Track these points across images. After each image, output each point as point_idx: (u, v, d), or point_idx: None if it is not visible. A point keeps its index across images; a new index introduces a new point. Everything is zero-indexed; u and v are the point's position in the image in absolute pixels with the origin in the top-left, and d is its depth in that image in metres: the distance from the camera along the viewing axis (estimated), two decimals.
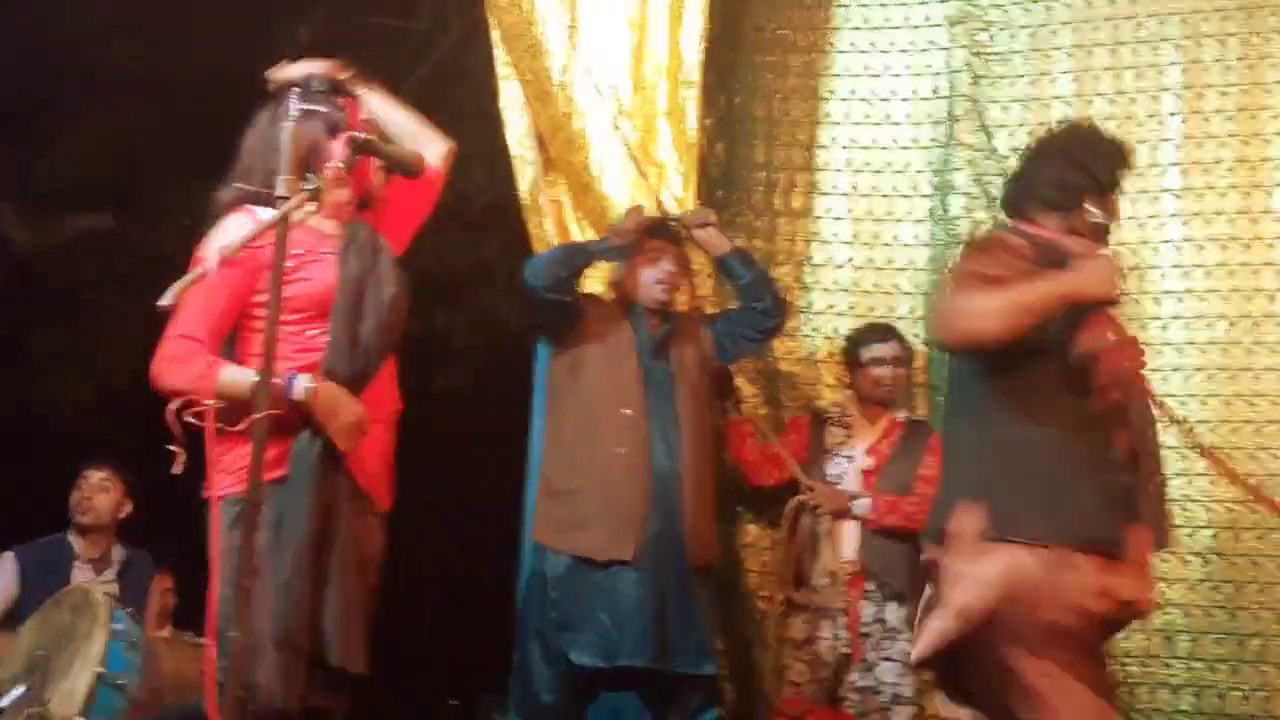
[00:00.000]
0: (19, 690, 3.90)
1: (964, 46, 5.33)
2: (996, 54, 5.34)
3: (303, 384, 2.72)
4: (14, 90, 5.72)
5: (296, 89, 2.98)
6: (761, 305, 4.39)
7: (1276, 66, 5.14)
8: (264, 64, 3.05)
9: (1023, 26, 5.34)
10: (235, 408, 2.65)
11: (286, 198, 2.62)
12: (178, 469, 2.50)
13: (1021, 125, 5.19)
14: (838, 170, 5.40)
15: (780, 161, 5.45)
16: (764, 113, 5.49)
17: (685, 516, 4.05)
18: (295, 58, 3.14)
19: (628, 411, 4.09)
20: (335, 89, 3.03)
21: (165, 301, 2.41)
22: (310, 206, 2.70)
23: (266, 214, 2.67)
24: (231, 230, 2.75)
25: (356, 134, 2.86)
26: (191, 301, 2.65)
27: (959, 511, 2.93)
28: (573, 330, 4.22)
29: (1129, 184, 3.59)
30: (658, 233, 4.29)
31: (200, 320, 2.74)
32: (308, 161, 2.83)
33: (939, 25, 5.39)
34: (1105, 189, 3.21)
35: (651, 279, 4.20)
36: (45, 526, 4.95)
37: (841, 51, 5.49)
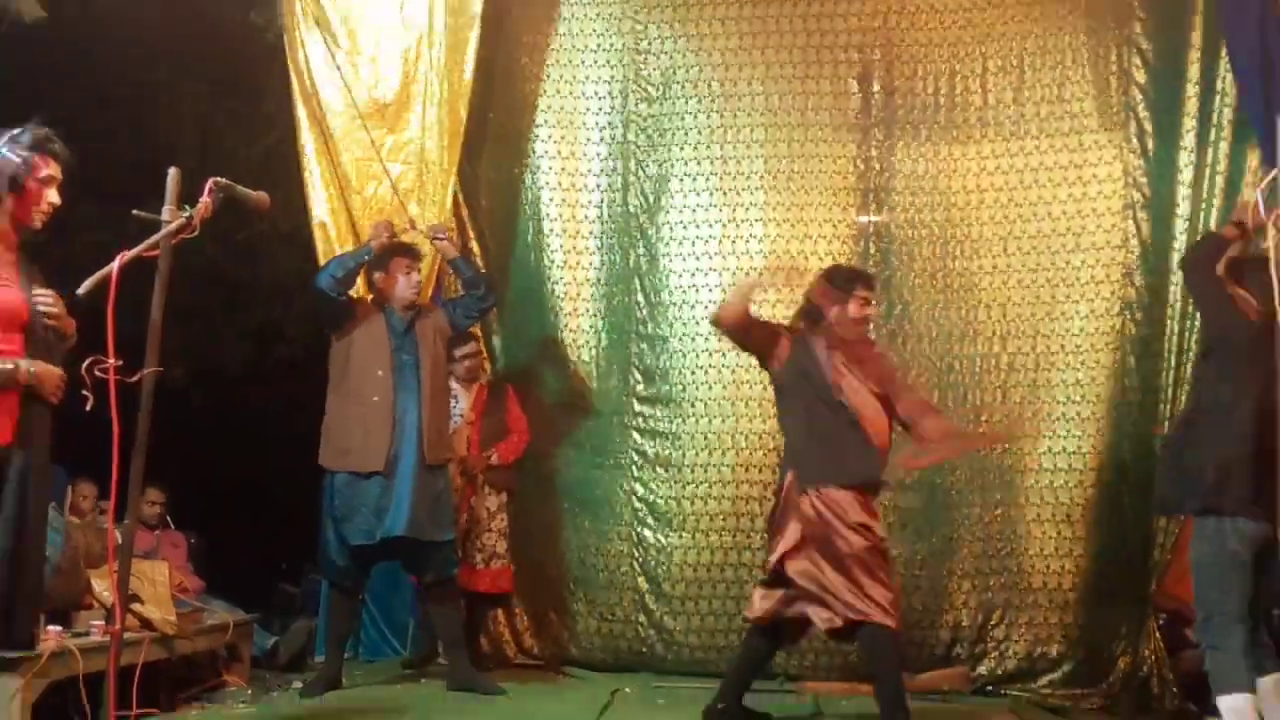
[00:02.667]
0: None
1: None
2: None
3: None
4: None
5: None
6: (478, 293, 5.54)
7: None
8: None
9: None
10: None
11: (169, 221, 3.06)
12: None
13: None
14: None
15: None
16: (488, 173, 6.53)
17: (423, 435, 5.15)
18: None
19: (380, 373, 5.20)
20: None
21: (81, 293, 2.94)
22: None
23: None
24: None
25: (219, 180, 3.21)
26: None
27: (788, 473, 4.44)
28: (346, 321, 5.30)
29: None
30: (409, 253, 5.38)
31: None
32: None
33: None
34: None
35: (405, 285, 5.30)
36: None
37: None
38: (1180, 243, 5.99)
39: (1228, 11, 5.65)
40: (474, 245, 6.51)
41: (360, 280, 5.57)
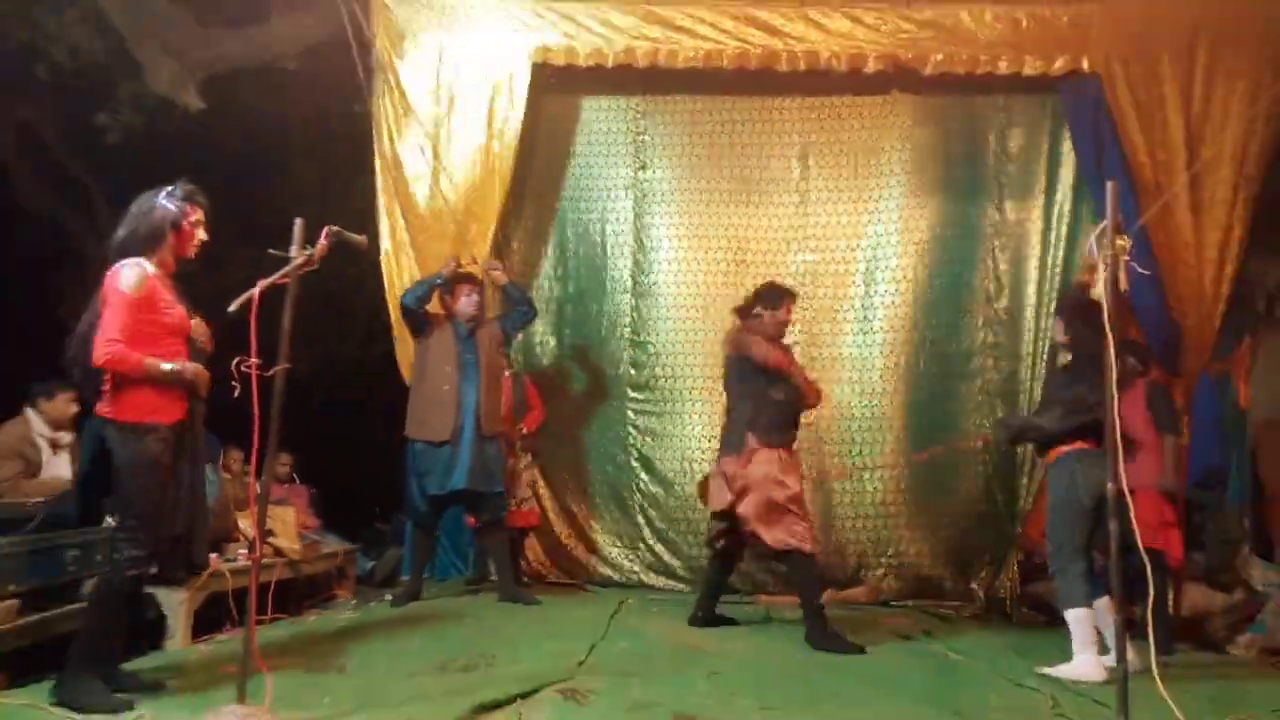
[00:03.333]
0: None
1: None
2: None
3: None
4: None
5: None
6: (523, 309, 5.50)
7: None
8: None
9: None
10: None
11: (295, 258, 3.06)
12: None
13: None
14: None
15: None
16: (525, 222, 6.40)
17: (480, 413, 5.11)
18: None
19: (448, 369, 5.15)
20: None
21: (231, 310, 2.96)
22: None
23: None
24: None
25: (333, 227, 3.20)
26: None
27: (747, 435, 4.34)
28: (425, 329, 5.25)
29: None
30: (469, 280, 5.30)
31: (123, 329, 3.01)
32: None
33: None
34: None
35: (465, 304, 5.23)
36: None
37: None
38: (1034, 275, 6.01)
39: (1070, 100, 5.68)
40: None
41: (435, 300, 5.50)
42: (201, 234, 3.31)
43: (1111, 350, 2.80)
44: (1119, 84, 5.49)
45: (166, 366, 3.10)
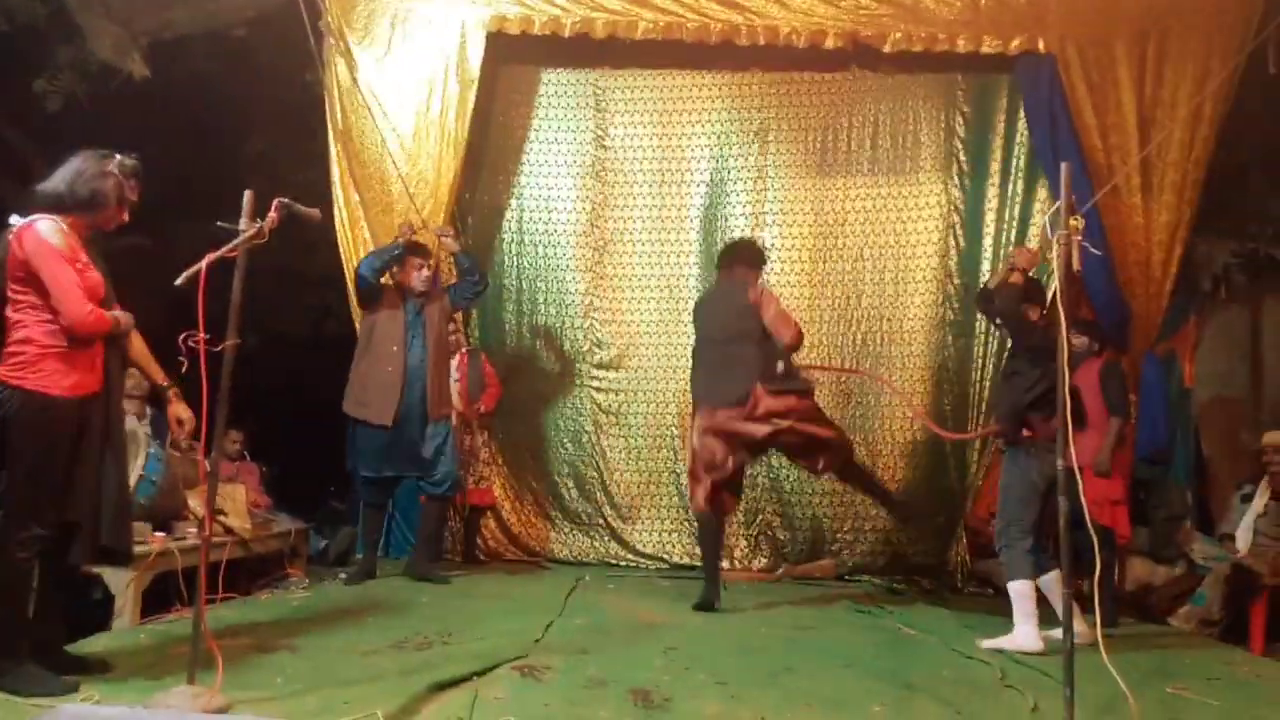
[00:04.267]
0: None
1: None
2: None
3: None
4: None
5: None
6: (473, 279, 5.36)
7: None
8: None
9: None
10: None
11: (245, 230, 2.93)
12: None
13: None
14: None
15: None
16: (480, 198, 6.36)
17: (429, 395, 5.04)
18: None
19: (395, 348, 5.04)
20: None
21: (179, 283, 2.81)
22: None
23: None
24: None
25: (283, 199, 3.07)
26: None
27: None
28: (375, 302, 5.14)
29: None
30: (421, 253, 5.18)
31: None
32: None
33: None
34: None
35: (417, 279, 5.11)
36: None
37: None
38: (989, 253, 6.10)
39: (1026, 80, 5.74)
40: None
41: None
42: (126, 214, 3.16)
43: (1064, 326, 2.84)
44: (1073, 66, 5.55)
45: (116, 315, 2.97)
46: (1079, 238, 2.93)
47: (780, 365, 4.60)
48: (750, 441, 4.60)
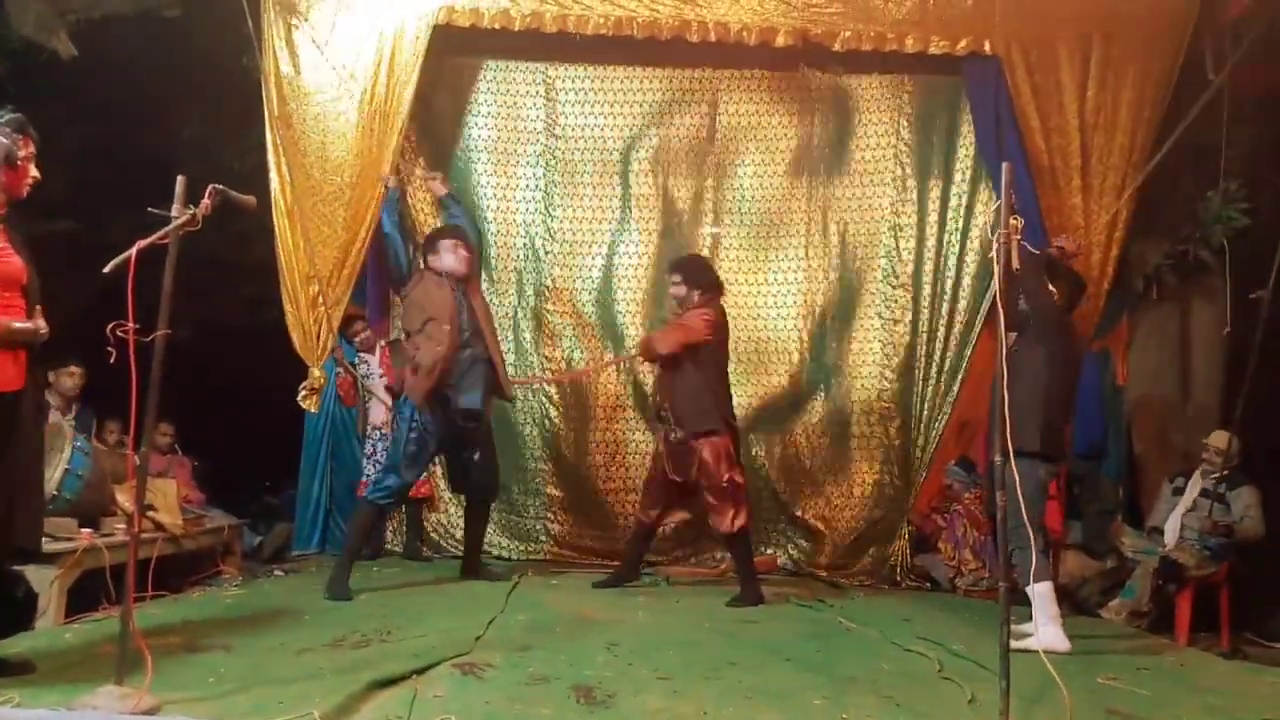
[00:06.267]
0: None
1: None
2: None
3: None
4: None
5: None
6: (462, 222, 5.36)
7: None
8: None
9: None
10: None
11: (177, 217, 2.87)
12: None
13: None
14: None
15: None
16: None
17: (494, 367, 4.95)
18: None
19: (446, 326, 4.83)
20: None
21: (107, 270, 2.76)
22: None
23: None
24: None
25: (217, 186, 3.03)
26: None
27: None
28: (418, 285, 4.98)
29: None
30: (457, 234, 5.06)
31: None
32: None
33: None
34: None
35: (455, 261, 4.94)
36: None
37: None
38: (932, 254, 6.21)
39: (972, 81, 5.84)
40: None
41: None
42: (34, 171, 3.06)
43: (1004, 325, 2.90)
44: (1018, 68, 5.66)
45: (19, 325, 2.89)
46: (1019, 237, 2.99)
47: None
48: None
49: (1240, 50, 5.33)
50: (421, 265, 5.15)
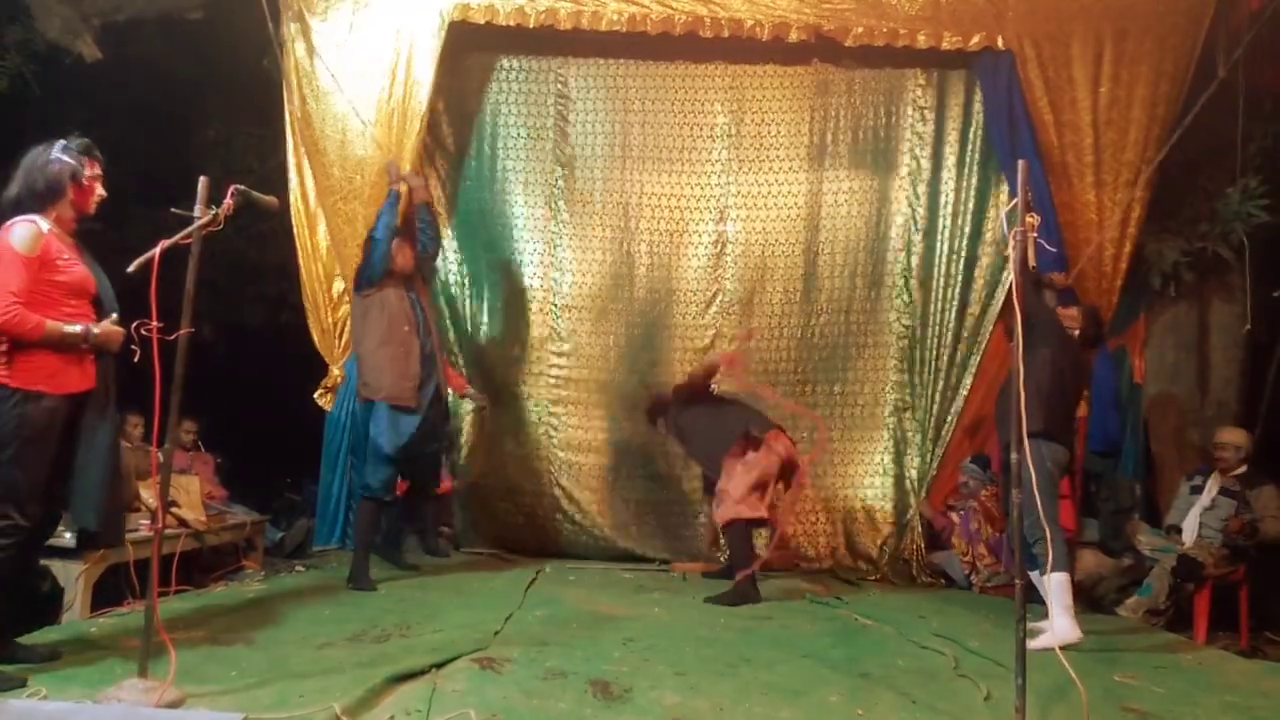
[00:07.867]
0: None
1: None
2: None
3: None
4: None
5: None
6: (427, 238, 5.30)
7: None
8: None
9: None
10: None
11: (199, 218, 2.90)
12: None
13: None
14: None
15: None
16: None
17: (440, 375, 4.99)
18: None
19: (405, 328, 4.90)
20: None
21: (131, 270, 2.80)
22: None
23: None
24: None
25: (239, 186, 3.03)
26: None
27: None
28: (381, 276, 4.95)
29: None
30: (407, 233, 5.07)
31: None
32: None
33: None
34: None
35: (403, 260, 4.96)
36: None
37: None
38: (944, 248, 6.17)
39: (984, 76, 5.80)
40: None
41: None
42: (100, 189, 3.19)
43: (1019, 319, 2.88)
44: (1031, 63, 5.62)
45: (69, 329, 2.99)
46: (1035, 234, 2.97)
47: None
48: None
49: (1243, 43, 5.25)
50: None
